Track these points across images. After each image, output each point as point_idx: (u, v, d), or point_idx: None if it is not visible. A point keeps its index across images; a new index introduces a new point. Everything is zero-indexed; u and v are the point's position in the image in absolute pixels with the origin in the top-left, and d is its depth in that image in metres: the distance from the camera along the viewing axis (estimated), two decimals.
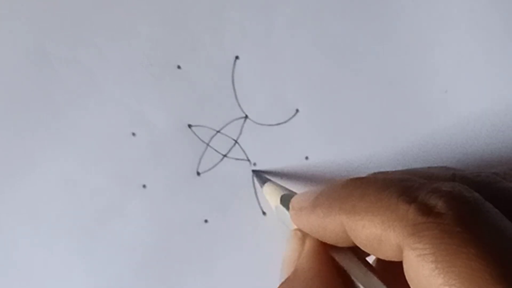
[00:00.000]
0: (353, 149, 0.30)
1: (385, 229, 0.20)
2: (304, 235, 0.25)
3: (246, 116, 0.29)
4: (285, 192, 0.27)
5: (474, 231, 0.19)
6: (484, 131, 0.29)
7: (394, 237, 0.20)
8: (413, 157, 0.29)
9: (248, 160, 0.30)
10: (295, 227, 0.26)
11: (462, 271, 0.18)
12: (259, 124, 0.29)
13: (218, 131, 0.29)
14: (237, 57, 0.29)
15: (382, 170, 0.29)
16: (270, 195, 0.28)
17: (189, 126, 0.29)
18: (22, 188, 0.29)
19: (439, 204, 0.20)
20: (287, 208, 0.26)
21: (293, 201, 0.26)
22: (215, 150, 0.29)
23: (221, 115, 0.29)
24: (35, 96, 0.29)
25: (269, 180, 0.29)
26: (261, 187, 0.29)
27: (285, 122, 0.29)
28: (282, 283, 0.23)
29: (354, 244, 0.22)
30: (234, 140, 0.30)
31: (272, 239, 0.29)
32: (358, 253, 0.23)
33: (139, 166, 0.29)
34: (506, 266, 0.18)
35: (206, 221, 0.29)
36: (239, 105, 0.29)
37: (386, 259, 0.21)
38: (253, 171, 0.29)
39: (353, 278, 0.23)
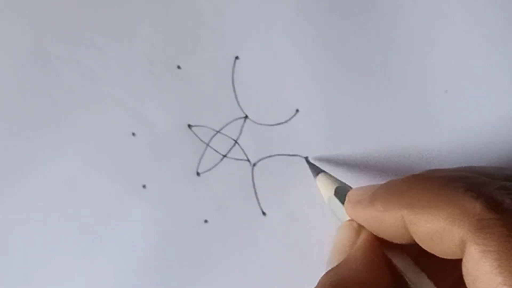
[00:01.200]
0: (353, 149, 0.29)
1: (449, 223, 0.20)
2: (359, 227, 0.25)
3: (246, 116, 0.29)
4: (340, 184, 0.27)
5: None
6: (484, 131, 0.29)
7: (458, 231, 0.20)
8: (413, 157, 0.29)
9: (248, 160, 0.30)
10: (348, 218, 0.26)
11: None
12: (259, 124, 0.29)
13: (218, 131, 0.29)
14: (237, 57, 0.29)
15: (382, 170, 0.29)
16: (324, 185, 0.28)
17: (189, 126, 0.29)
18: (22, 187, 0.29)
19: (506, 201, 0.19)
20: (341, 200, 0.26)
21: (350, 194, 0.26)
22: (215, 150, 0.29)
23: (221, 115, 0.29)
24: (35, 96, 0.29)
25: (323, 171, 0.29)
26: (314, 177, 0.29)
27: (285, 122, 0.29)
28: (332, 268, 0.23)
29: (410, 240, 0.22)
30: (234, 140, 0.30)
31: (272, 239, 0.29)
32: (410, 253, 0.23)
33: (139, 166, 0.29)
34: None
35: (206, 221, 0.29)
36: (239, 105, 0.29)
37: (444, 256, 0.21)
38: (307, 161, 0.29)
39: (404, 275, 0.23)
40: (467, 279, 0.20)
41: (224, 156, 0.30)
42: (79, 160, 0.29)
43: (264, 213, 0.30)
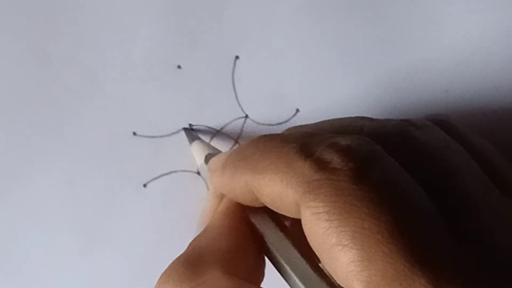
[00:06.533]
0: None
1: (284, 186, 0.19)
2: (222, 194, 0.24)
3: (247, 116, 0.29)
4: (211, 151, 0.27)
5: (368, 188, 0.18)
6: (484, 131, 0.29)
7: (292, 194, 0.19)
8: None
9: None
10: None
11: (354, 230, 0.17)
12: (259, 124, 0.29)
13: (218, 131, 0.29)
14: (237, 57, 0.29)
15: None
16: (197, 153, 0.28)
17: (190, 125, 0.29)
18: (22, 187, 0.29)
19: (335, 159, 0.19)
20: None
21: (209, 162, 0.25)
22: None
23: (221, 115, 0.29)
24: (36, 95, 0.29)
25: (198, 138, 0.28)
26: (190, 145, 0.28)
27: (285, 122, 0.29)
28: (195, 238, 0.23)
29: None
30: (234, 140, 0.30)
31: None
32: (274, 214, 0.22)
33: (139, 165, 0.29)
34: (398, 227, 0.17)
35: None
36: (240, 105, 0.29)
37: (292, 216, 0.20)
38: (184, 128, 0.29)
39: (265, 239, 0.22)
40: (309, 241, 0.19)
41: None
42: (79, 160, 0.29)
43: None
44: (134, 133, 0.29)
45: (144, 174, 0.29)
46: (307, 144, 0.20)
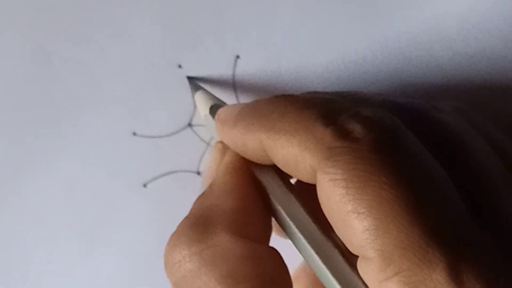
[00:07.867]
0: None
1: (301, 150, 0.20)
2: (225, 148, 0.24)
3: None
4: (216, 102, 0.26)
5: (388, 160, 0.18)
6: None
7: (309, 159, 0.19)
8: None
9: None
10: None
11: (371, 199, 0.18)
12: None
13: None
14: (238, 56, 0.29)
15: None
16: (201, 103, 0.27)
17: (190, 125, 0.29)
18: (22, 187, 0.29)
19: (356, 129, 0.19)
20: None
21: (219, 113, 0.25)
22: None
23: None
24: (35, 95, 0.29)
25: (202, 88, 0.28)
26: (193, 95, 0.28)
27: None
28: (199, 196, 0.23)
29: (273, 162, 0.21)
30: None
31: (273, 238, 0.29)
32: (281, 172, 0.22)
33: (139, 165, 0.29)
34: (416, 198, 0.18)
35: None
36: None
37: (304, 180, 0.20)
38: (188, 77, 0.29)
39: (271, 196, 0.22)
40: (323, 208, 0.19)
41: None
42: (79, 160, 0.29)
43: None
44: (134, 133, 0.29)
45: (144, 174, 0.29)
46: (328, 111, 0.20)
